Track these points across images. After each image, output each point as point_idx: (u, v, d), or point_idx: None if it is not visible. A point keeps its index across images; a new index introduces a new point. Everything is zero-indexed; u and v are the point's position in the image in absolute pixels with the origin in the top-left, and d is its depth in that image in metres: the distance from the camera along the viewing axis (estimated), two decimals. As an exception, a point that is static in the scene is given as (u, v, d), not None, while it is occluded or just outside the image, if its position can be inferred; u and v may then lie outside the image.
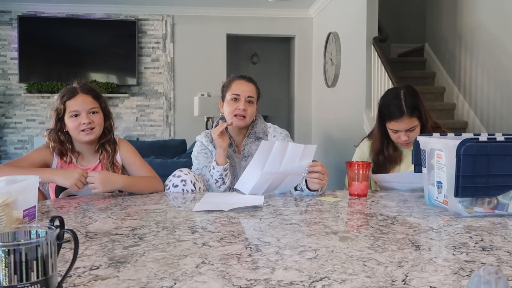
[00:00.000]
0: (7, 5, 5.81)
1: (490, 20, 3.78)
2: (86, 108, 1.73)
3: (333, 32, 5.13)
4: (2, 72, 5.90)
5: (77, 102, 1.73)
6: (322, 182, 1.64)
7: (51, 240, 0.67)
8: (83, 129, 1.72)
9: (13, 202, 1.11)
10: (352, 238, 1.07)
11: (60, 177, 1.61)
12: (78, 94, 1.75)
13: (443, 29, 4.73)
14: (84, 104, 1.74)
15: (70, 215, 1.34)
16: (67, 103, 1.73)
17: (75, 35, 5.92)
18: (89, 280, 0.79)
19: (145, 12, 6.07)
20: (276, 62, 7.58)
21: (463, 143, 1.28)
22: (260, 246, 0.99)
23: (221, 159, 1.82)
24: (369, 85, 4.15)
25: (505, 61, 3.56)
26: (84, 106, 1.73)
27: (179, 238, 1.06)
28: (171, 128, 6.21)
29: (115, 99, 6.06)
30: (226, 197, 1.62)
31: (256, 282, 0.78)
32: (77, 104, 1.73)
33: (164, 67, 6.15)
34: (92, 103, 1.76)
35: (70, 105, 1.73)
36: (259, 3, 5.89)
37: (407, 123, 1.83)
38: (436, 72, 4.83)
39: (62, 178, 1.60)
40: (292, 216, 1.32)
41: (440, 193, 1.41)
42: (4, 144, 5.93)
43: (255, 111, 1.99)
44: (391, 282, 0.78)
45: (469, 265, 0.87)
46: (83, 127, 1.72)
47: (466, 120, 4.16)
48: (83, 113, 1.72)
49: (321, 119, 5.94)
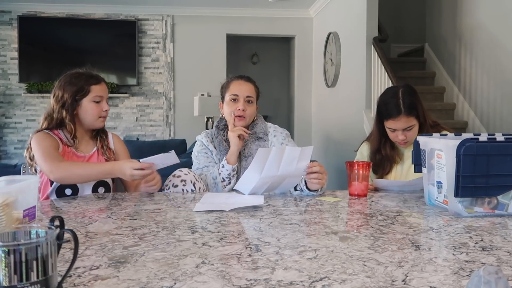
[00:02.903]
0: (7, 5, 5.81)
1: (490, 20, 3.78)
2: (107, 95, 1.84)
3: (333, 32, 5.13)
4: (2, 72, 5.90)
5: (103, 89, 1.81)
6: (321, 181, 1.64)
7: (51, 240, 0.67)
8: (103, 115, 1.81)
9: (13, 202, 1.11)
10: (352, 238, 1.07)
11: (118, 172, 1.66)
12: (102, 81, 1.83)
13: (443, 29, 4.73)
14: (106, 92, 1.84)
15: (70, 215, 1.34)
16: (93, 87, 1.78)
17: (75, 35, 5.92)
18: (89, 280, 0.79)
19: (145, 12, 6.07)
20: (276, 62, 7.58)
21: (463, 143, 1.28)
22: (260, 246, 0.99)
23: (233, 158, 1.83)
24: (369, 85, 4.15)
25: (505, 61, 3.56)
26: (106, 93, 1.83)
27: (179, 238, 1.06)
28: (171, 128, 6.21)
29: (115, 99, 6.06)
30: (226, 197, 1.62)
31: (256, 282, 0.78)
32: (102, 91, 1.81)
33: (164, 67, 6.15)
34: (107, 92, 1.87)
35: (96, 90, 1.78)
36: (259, 3, 5.89)
37: (405, 122, 1.84)
38: (436, 72, 4.83)
39: (120, 174, 1.66)
40: (292, 216, 1.32)
41: (440, 193, 1.41)
42: (4, 144, 5.93)
43: (255, 110, 1.99)
44: (391, 282, 0.78)
45: (469, 265, 0.87)
46: (103, 114, 1.80)
47: (466, 120, 4.16)
48: (104, 100, 1.81)
49: (321, 119, 5.95)
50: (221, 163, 1.84)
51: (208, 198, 1.60)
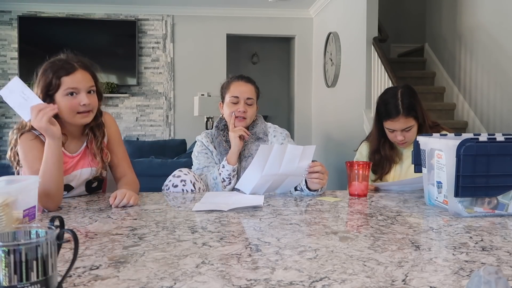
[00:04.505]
0: (7, 5, 5.81)
1: (489, 20, 3.78)
2: (86, 86, 1.52)
3: (333, 32, 5.13)
4: (2, 72, 5.90)
5: (77, 79, 1.51)
6: (322, 181, 1.64)
7: (51, 240, 0.67)
8: (82, 111, 1.52)
9: (13, 202, 1.11)
10: (352, 238, 1.07)
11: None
12: (77, 70, 1.53)
13: (443, 30, 4.73)
14: (84, 81, 1.52)
15: (70, 215, 1.34)
16: (63, 79, 1.50)
17: (75, 35, 5.91)
18: (89, 280, 0.79)
19: (145, 12, 6.07)
20: (276, 62, 7.58)
21: (463, 143, 1.28)
22: (260, 246, 0.99)
23: (234, 159, 1.83)
24: (369, 85, 4.15)
25: (505, 61, 3.56)
26: (84, 84, 1.52)
27: (179, 238, 1.06)
28: (171, 128, 6.21)
29: (115, 99, 6.06)
30: (226, 197, 1.62)
31: (256, 282, 0.78)
32: (76, 82, 1.51)
33: (164, 67, 6.15)
34: (91, 81, 1.55)
35: (67, 82, 1.50)
36: (259, 3, 5.89)
37: (403, 123, 1.84)
38: (436, 72, 4.83)
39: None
40: (292, 216, 1.32)
41: (440, 193, 1.41)
42: (4, 144, 5.93)
43: (255, 111, 1.99)
44: (391, 282, 0.78)
45: (469, 265, 0.87)
46: (82, 109, 1.51)
47: (466, 120, 4.16)
48: (82, 92, 1.51)
49: (321, 119, 5.95)
50: (222, 164, 1.84)
51: (208, 198, 1.60)
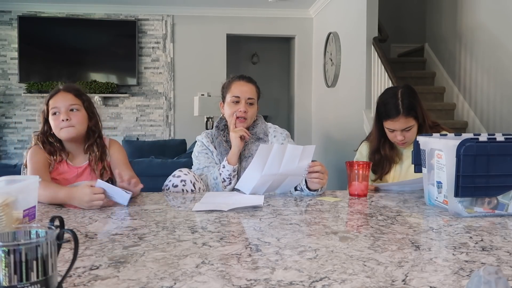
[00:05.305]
0: (7, 5, 5.81)
1: (490, 20, 3.78)
2: (65, 104, 1.71)
3: (333, 32, 5.13)
4: (2, 72, 5.90)
5: (57, 100, 1.72)
6: (322, 181, 1.64)
7: (51, 240, 0.67)
8: (63, 126, 1.69)
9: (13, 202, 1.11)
10: (352, 238, 1.07)
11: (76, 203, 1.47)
12: (59, 92, 1.75)
13: (443, 29, 4.72)
14: (64, 101, 1.72)
15: (70, 215, 1.34)
16: (49, 102, 1.73)
17: (75, 35, 5.92)
18: (89, 280, 0.79)
19: (145, 12, 6.06)
20: (276, 62, 7.58)
21: (463, 143, 1.28)
22: (260, 246, 0.99)
23: (234, 159, 1.83)
24: (369, 85, 4.15)
25: (505, 61, 3.56)
26: (63, 103, 1.71)
27: (179, 238, 1.06)
28: (171, 128, 6.21)
29: (115, 99, 6.06)
30: (226, 197, 1.62)
31: (256, 282, 0.78)
32: (57, 102, 1.72)
33: (164, 67, 6.15)
34: (73, 100, 1.73)
35: (51, 103, 1.73)
36: (259, 3, 5.89)
37: (403, 123, 1.84)
38: (436, 72, 4.83)
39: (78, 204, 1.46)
40: (292, 216, 1.32)
41: (440, 193, 1.41)
42: (4, 144, 5.93)
43: (256, 111, 1.99)
44: (391, 282, 0.78)
45: (469, 265, 0.87)
46: (62, 124, 1.69)
47: (466, 120, 4.16)
48: (62, 109, 1.70)
49: (321, 119, 5.94)
50: (222, 164, 1.84)
51: (208, 198, 1.60)
